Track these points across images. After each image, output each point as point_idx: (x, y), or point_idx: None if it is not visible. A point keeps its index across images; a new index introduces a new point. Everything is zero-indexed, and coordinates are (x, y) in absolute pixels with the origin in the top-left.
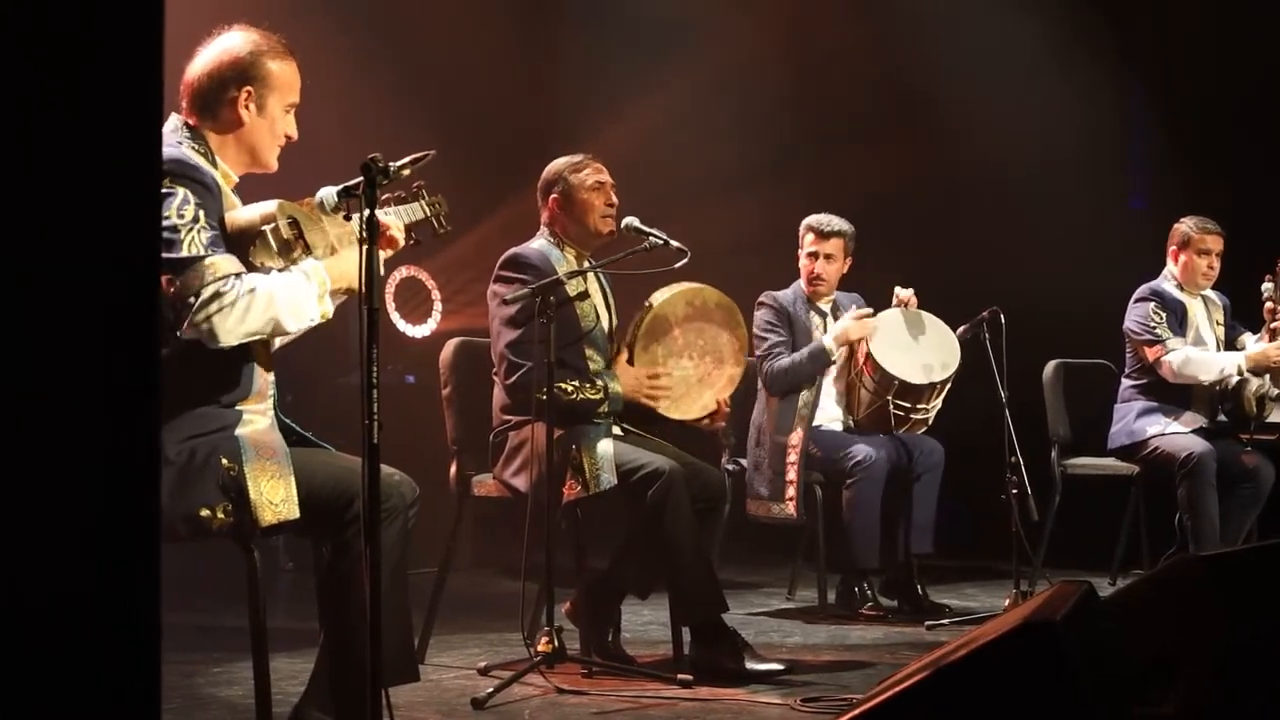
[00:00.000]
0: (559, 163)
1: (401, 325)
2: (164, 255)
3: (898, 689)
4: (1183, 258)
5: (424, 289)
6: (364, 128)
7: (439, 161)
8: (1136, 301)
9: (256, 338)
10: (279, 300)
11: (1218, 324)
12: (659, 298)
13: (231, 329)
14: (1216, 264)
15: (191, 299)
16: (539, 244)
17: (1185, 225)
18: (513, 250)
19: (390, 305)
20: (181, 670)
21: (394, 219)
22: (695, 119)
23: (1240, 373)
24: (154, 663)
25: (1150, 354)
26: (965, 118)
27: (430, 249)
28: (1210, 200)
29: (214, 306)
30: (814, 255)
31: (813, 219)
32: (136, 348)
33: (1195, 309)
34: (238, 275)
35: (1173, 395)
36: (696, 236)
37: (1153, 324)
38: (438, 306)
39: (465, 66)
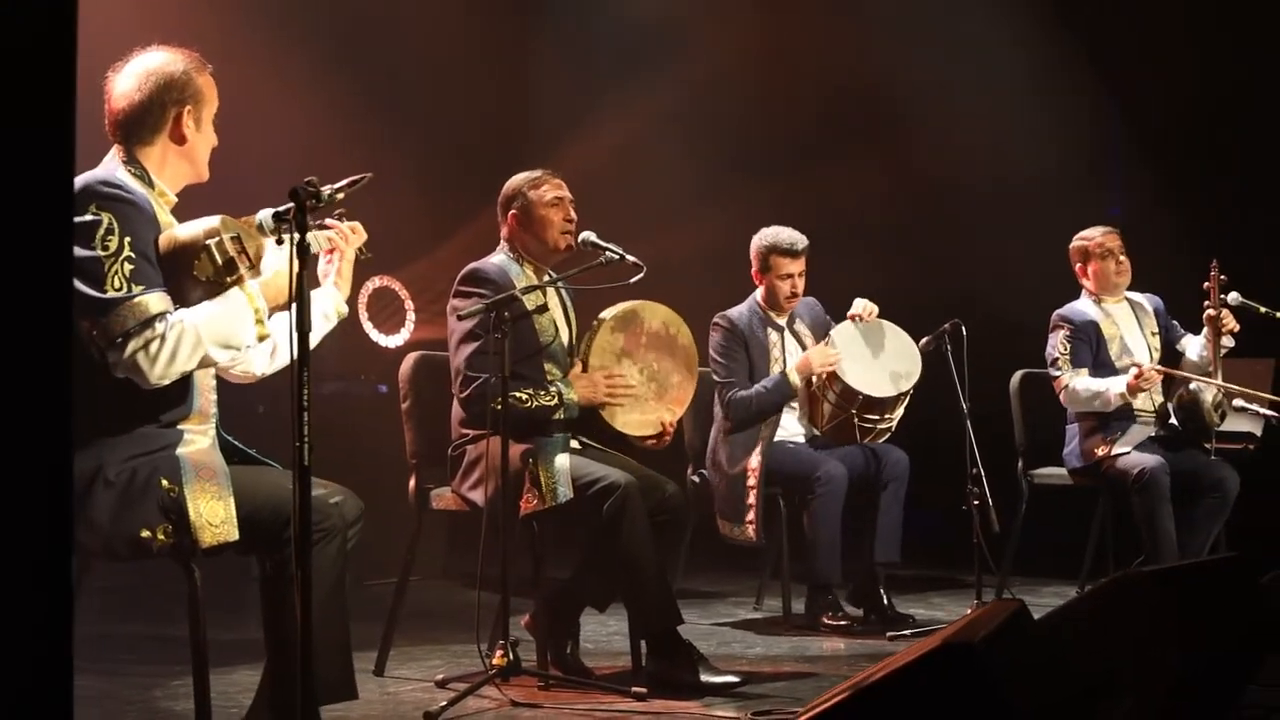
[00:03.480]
0: (518, 178)
1: (374, 335)
2: (87, 292)
3: (818, 710)
4: (1090, 268)
5: (397, 299)
6: (332, 143)
7: (414, 174)
8: (1050, 329)
9: (187, 372)
10: (206, 336)
11: (1152, 333)
12: (610, 313)
13: (160, 371)
14: (1124, 259)
15: (119, 340)
16: (499, 259)
17: (1076, 241)
18: (472, 265)
19: (363, 315)
20: (140, 683)
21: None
22: (662, 134)
23: (1124, 398)
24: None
25: (1055, 386)
26: (929, 130)
27: (405, 258)
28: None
29: (141, 349)
30: (787, 276)
31: (779, 240)
32: (47, 367)
33: (1118, 319)
34: (163, 315)
35: (1115, 412)
36: (661, 251)
37: (1057, 354)
38: (410, 316)
39: (437, 79)
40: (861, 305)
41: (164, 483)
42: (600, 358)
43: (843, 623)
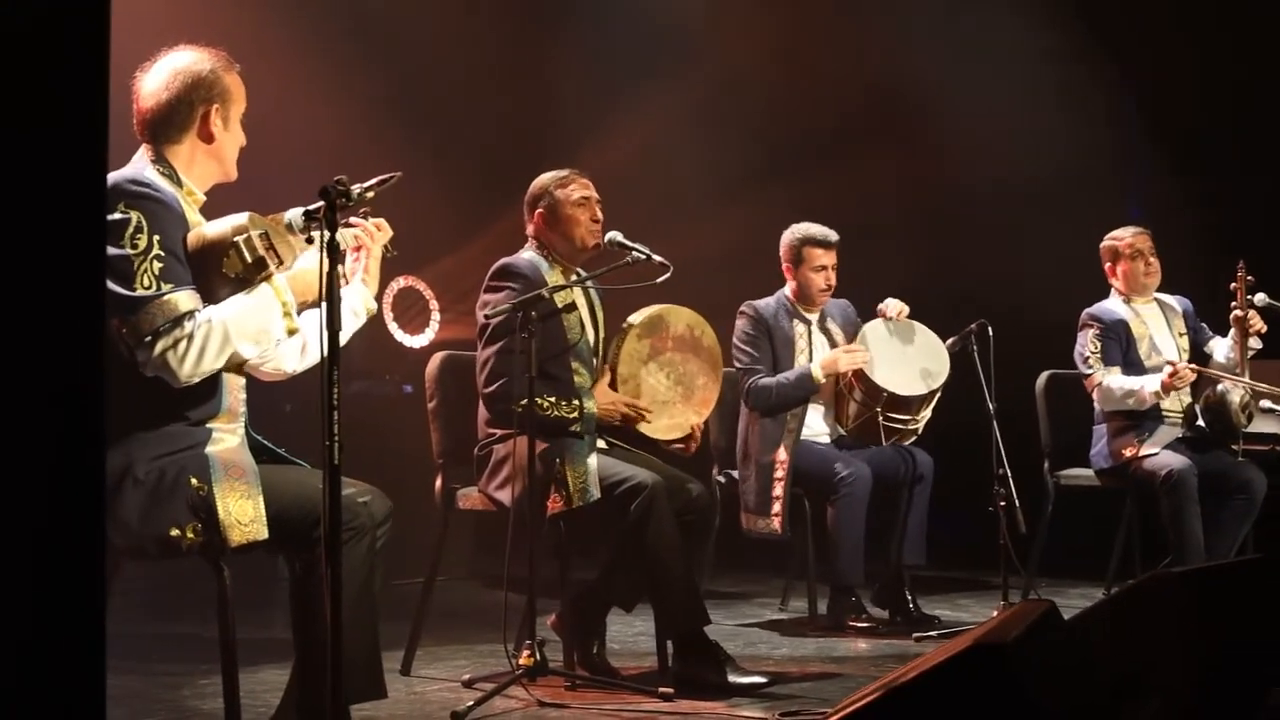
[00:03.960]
0: (545, 177)
1: (399, 335)
2: (117, 291)
3: (849, 709)
4: (1120, 268)
5: (422, 299)
6: (358, 144)
7: (439, 174)
8: (1079, 328)
9: (217, 370)
10: (235, 332)
11: (1180, 334)
12: (636, 318)
13: (190, 369)
14: (1154, 260)
15: (148, 338)
16: (529, 255)
17: (1107, 241)
18: (503, 260)
19: (388, 315)
20: (169, 682)
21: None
22: (684, 134)
23: (1158, 396)
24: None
25: (1087, 385)
26: (956, 129)
27: (430, 258)
28: (1207, 210)
29: (170, 348)
30: (821, 268)
31: (812, 232)
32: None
33: (1147, 319)
34: (191, 314)
35: (1143, 413)
36: (683, 250)
37: (1088, 353)
38: (435, 316)
39: (462, 80)
40: (893, 304)
41: (193, 481)
42: (628, 364)
43: (867, 624)
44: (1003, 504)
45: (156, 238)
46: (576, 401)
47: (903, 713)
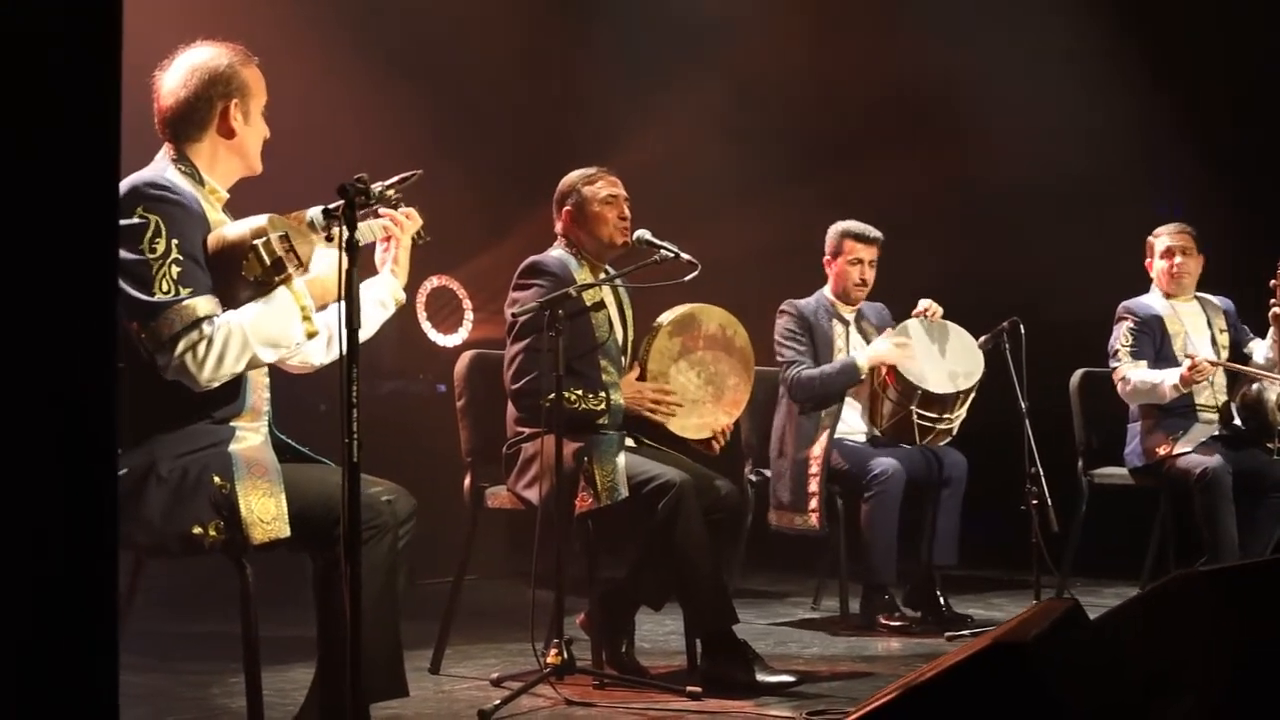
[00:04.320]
0: (573, 175)
1: (432, 334)
2: (135, 295)
3: (866, 709)
4: (1155, 265)
5: (455, 298)
6: (390, 143)
7: (471, 173)
8: (1115, 321)
9: (236, 374)
10: (253, 337)
11: (1220, 330)
12: (668, 317)
13: (209, 374)
14: (1184, 260)
15: (167, 343)
16: (558, 253)
17: (1150, 236)
18: (532, 258)
19: (421, 314)
20: (198, 680)
21: (364, 233)
22: (712, 132)
23: (1177, 390)
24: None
25: (1114, 377)
26: (990, 126)
27: (462, 257)
28: (1244, 208)
29: (189, 352)
30: (858, 262)
31: (852, 226)
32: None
33: (1185, 316)
34: (210, 318)
35: (1178, 411)
36: (714, 247)
37: (1119, 345)
38: (468, 316)
39: (493, 79)
40: (930, 305)
41: (215, 479)
42: (659, 362)
43: (899, 623)
44: (1035, 503)
45: (175, 242)
46: (604, 394)
47: (922, 711)
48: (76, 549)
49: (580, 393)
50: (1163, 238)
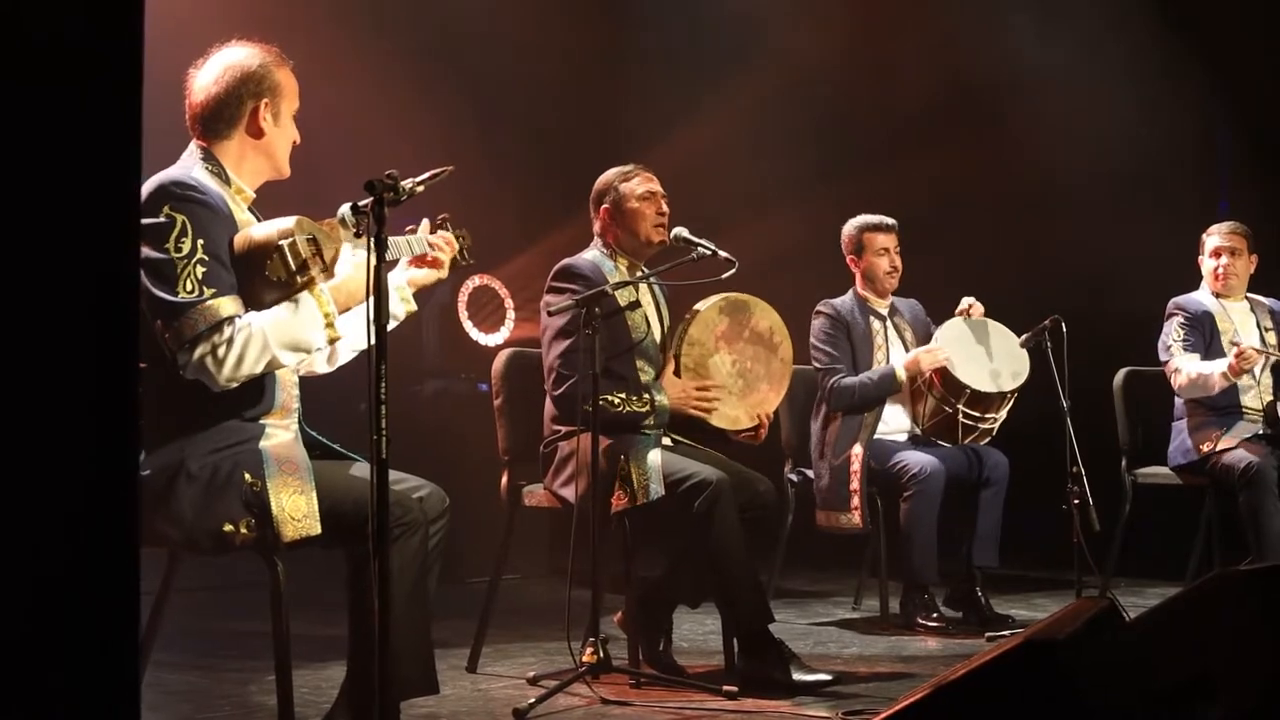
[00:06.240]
0: (609, 173)
1: (474, 334)
2: (160, 295)
3: (896, 708)
4: (1205, 263)
5: (496, 297)
6: (429, 142)
7: (510, 173)
8: (1165, 317)
9: (255, 375)
10: (274, 340)
11: (1267, 329)
12: (724, 295)
13: (228, 374)
14: (1230, 260)
15: (189, 343)
16: (591, 254)
17: (1205, 233)
18: (565, 261)
19: (463, 314)
20: (237, 678)
21: (392, 251)
22: (753, 128)
23: (1226, 379)
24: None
25: (1165, 370)
26: (1032, 123)
27: (503, 256)
28: None
29: (209, 352)
30: (884, 251)
31: (867, 220)
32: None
33: (1234, 314)
34: (232, 319)
35: (1222, 407)
36: (752, 245)
37: (1170, 341)
38: (510, 315)
39: (533, 77)
40: (971, 302)
41: (246, 476)
42: (701, 330)
43: (937, 623)
44: (1077, 502)
45: (200, 241)
46: (648, 395)
47: (953, 710)
48: (98, 546)
49: (624, 395)
50: (1214, 237)
